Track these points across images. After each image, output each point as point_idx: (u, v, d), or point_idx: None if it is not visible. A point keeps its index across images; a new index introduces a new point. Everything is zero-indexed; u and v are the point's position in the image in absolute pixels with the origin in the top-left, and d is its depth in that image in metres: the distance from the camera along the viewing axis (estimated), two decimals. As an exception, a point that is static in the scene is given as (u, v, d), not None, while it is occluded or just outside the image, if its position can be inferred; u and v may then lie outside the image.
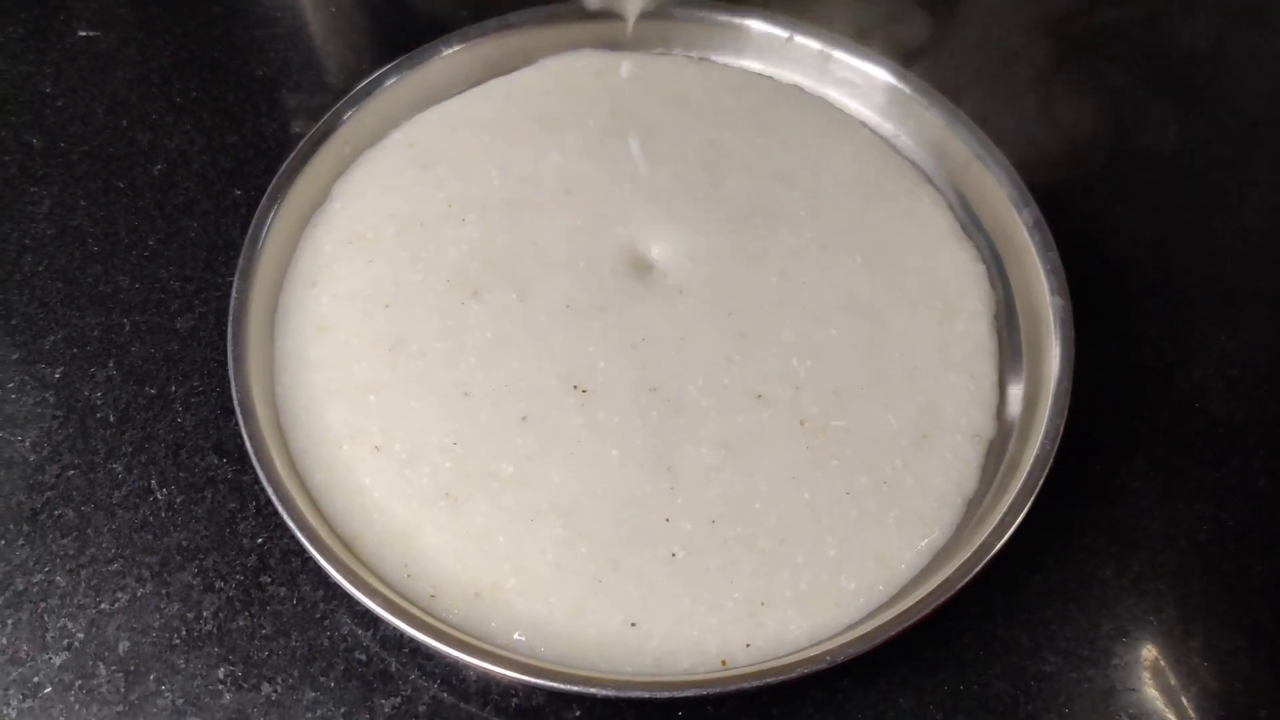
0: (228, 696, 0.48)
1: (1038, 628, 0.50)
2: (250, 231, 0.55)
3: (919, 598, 0.47)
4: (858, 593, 0.49)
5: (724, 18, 0.65)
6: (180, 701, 0.48)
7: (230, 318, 0.53)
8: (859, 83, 0.64)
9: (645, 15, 0.65)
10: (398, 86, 0.62)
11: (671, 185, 0.60)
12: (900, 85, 0.62)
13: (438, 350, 0.54)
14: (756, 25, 0.65)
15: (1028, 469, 0.50)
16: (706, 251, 0.58)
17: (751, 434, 0.52)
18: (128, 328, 0.57)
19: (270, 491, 0.48)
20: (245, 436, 0.50)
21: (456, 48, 0.63)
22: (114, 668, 0.48)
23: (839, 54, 0.64)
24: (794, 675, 0.45)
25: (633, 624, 0.48)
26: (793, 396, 0.53)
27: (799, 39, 0.64)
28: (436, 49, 0.63)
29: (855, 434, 0.53)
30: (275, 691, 0.48)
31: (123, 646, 0.49)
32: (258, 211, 0.56)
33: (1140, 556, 0.52)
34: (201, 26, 0.69)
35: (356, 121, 0.60)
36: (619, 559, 0.49)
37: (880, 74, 0.63)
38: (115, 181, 0.62)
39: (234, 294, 0.53)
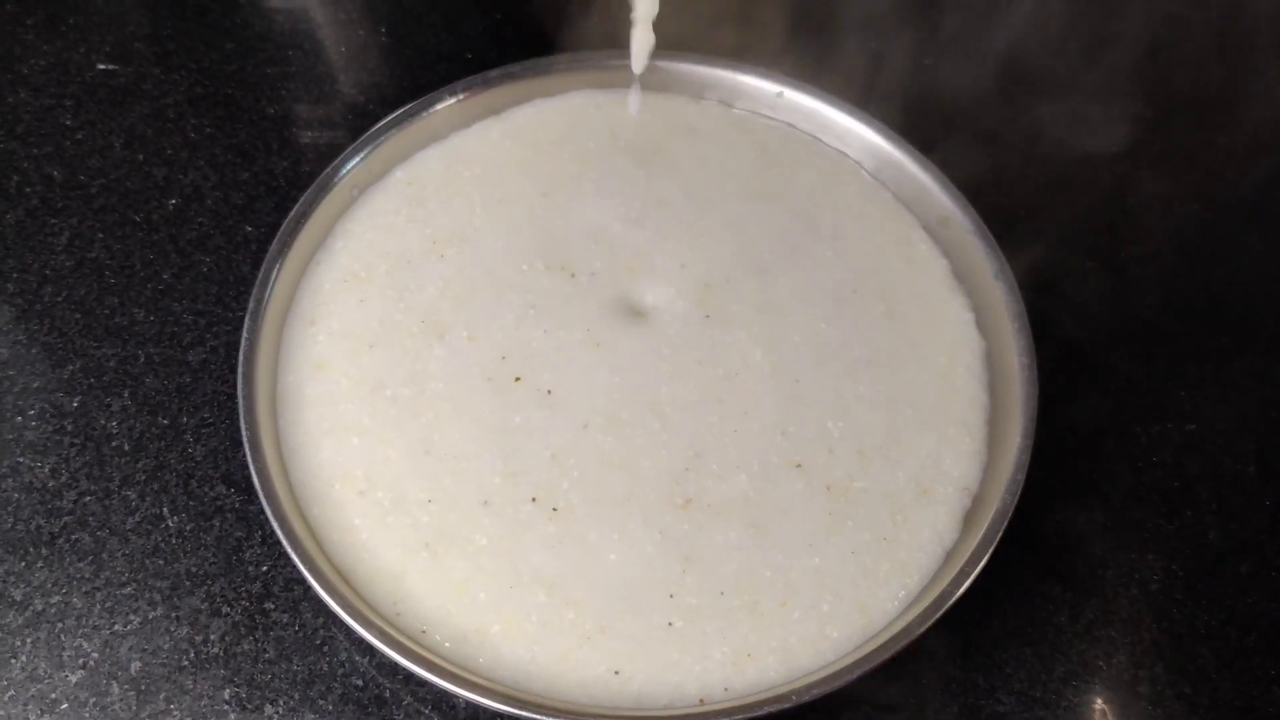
0: (233, 717, 0.51)
1: (994, 670, 0.54)
2: (260, 275, 0.58)
3: (880, 644, 0.50)
4: (839, 641, 0.52)
5: (719, 71, 0.68)
6: (188, 721, 0.51)
7: (240, 359, 0.55)
8: (845, 136, 0.66)
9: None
10: (401, 131, 0.64)
11: (688, 211, 0.63)
12: (883, 143, 0.65)
13: (405, 397, 0.56)
14: (749, 80, 0.68)
15: (988, 522, 0.53)
16: (743, 293, 0.60)
17: (782, 508, 0.54)
18: (142, 359, 0.60)
19: (276, 527, 0.51)
20: (253, 473, 0.52)
21: (461, 95, 0.66)
22: (126, 687, 0.52)
23: (826, 110, 0.67)
24: (761, 713, 0.48)
25: (616, 672, 0.51)
26: (826, 462, 0.55)
27: (789, 94, 0.67)
28: (441, 97, 0.65)
29: (871, 493, 0.55)
30: (277, 713, 0.51)
31: (134, 666, 0.52)
32: (267, 256, 0.58)
33: (1094, 604, 0.55)
34: (216, 63, 0.72)
35: (362, 167, 0.63)
36: (609, 626, 0.51)
37: (864, 131, 0.66)
38: (132, 215, 0.65)
39: (244, 335, 0.56)
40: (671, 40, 0.68)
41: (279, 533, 0.51)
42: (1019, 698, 0.53)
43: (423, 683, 0.52)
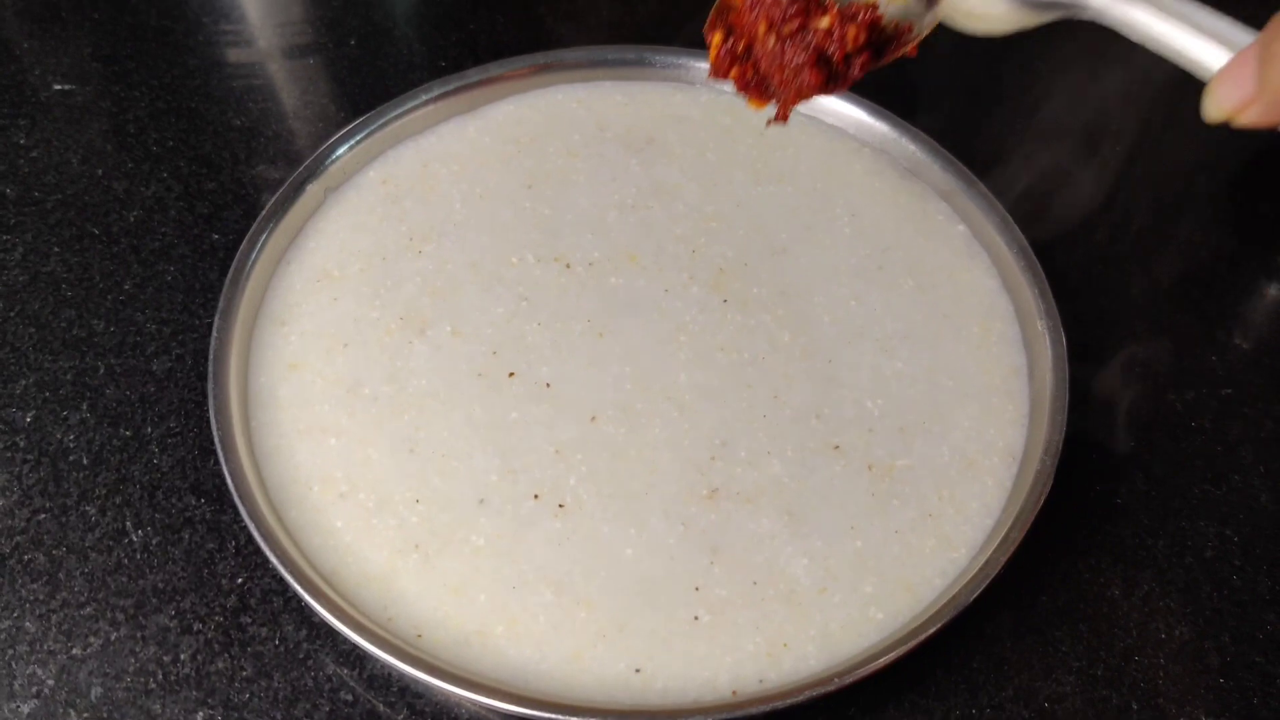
0: (207, 742, 0.45)
1: (1048, 648, 0.49)
2: (230, 273, 0.54)
3: (922, 621, 0.46)
4: (884, 623, 0.47)
5: (699, 64, 0.66)
6: (156, 749, 0.45)
7: (210, 356, 0.51)
8: (840, 117, 0.64)
9: (623, 62, 0.66)
10: (374, 131, 0.61)
11: (691, 196, 0.60)
12: (876, 121, 0.63)
13: (386, 395, 0.53)
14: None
15: (1028, 488, 0.50)
16: (762, 276, 0.57)
17: (820, 492, 0.50)
18: (102, 371, 0.56)
19: (253, 528, 0.47)
20: (226, 473, 0.48)
21: (435, 94, 0.63)
22: (85, 715, 0.46)
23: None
24: (800, 699, 0.44)
25: (637, 670, 0.46)
26: (867, 441, 0.52)
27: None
28: (415, 96, 0.62)
29: (915, 470, 0.51)
30: (257, 736, 0.46)
31: (95, 693, 0.46)
32: (237, 256, 0.55)
33: (1147, 575, 0.51)
34: (178, 79, 0.68)
35: (335, 167, 0.60)
36: (627, 623, 0.47)
37: (858, 111, 0.63)
38: (90, 228, 0.61)
39: (214, 333, 0.52)
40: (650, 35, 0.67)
41: (256, 534, 0.46)
42: (1079, 676, 0.48)
43: (420, 694, 0.47)
